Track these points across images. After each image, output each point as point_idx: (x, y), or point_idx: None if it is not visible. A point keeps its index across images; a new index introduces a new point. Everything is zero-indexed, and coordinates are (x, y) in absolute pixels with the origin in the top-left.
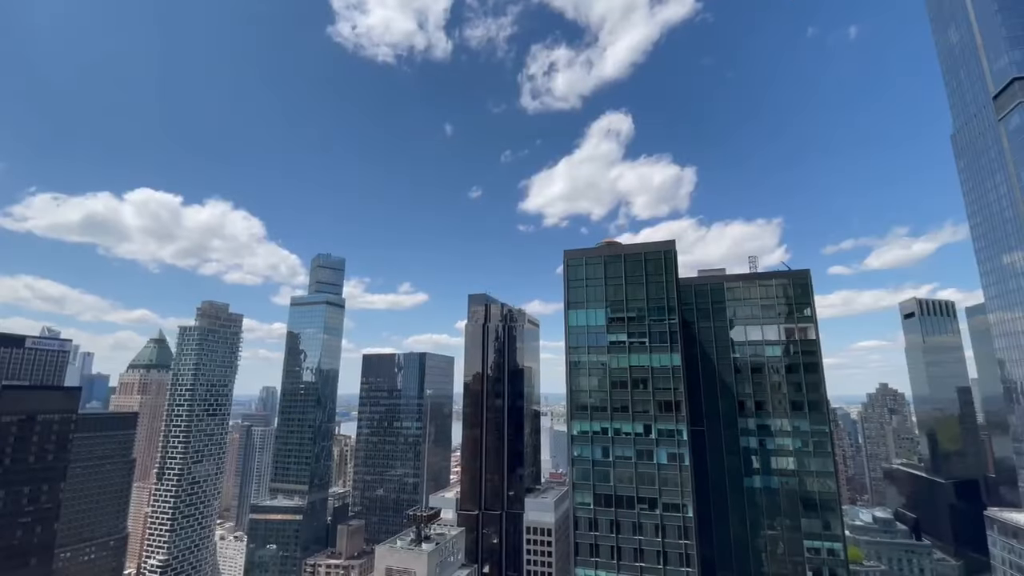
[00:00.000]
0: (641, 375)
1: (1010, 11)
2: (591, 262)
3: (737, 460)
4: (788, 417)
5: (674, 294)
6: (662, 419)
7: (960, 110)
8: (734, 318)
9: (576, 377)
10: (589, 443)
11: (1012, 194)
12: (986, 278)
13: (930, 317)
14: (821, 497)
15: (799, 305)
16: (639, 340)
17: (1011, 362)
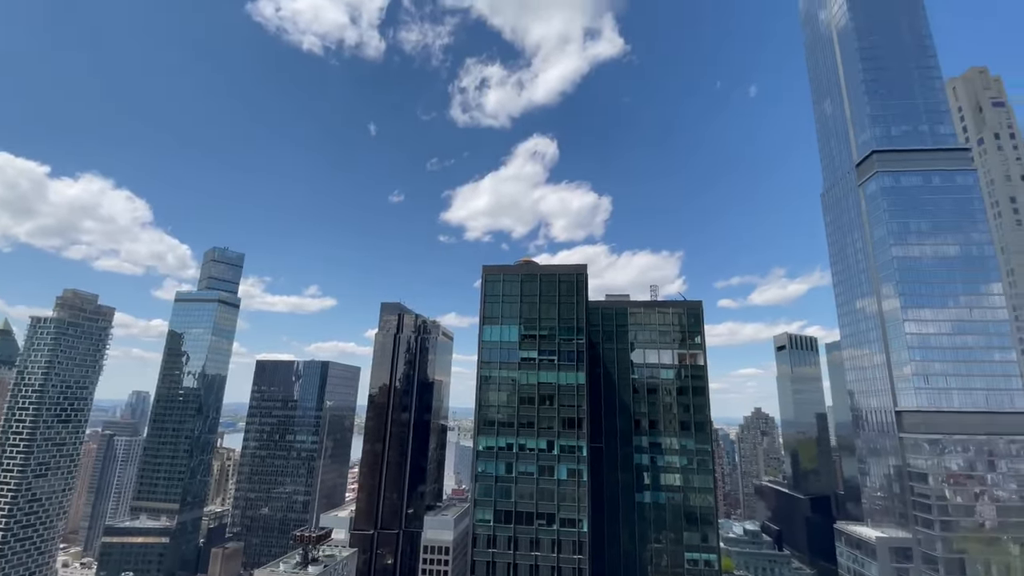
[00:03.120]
0: (548, 392)
1: (874, 93)
2: (508, 279)
3: (631, 476)
4: (677, 436)
5: (583, 315)
6: (565, 435)
7: (829, 172)
8: (635, 341)
9: (486, 392)
10: (494, 459)
11: (866, 249)
12: (842, 319)
13: (797, 350)
14: (701, 512)
15: (691, 333)
16: (548, 358)
17: (859, 393)
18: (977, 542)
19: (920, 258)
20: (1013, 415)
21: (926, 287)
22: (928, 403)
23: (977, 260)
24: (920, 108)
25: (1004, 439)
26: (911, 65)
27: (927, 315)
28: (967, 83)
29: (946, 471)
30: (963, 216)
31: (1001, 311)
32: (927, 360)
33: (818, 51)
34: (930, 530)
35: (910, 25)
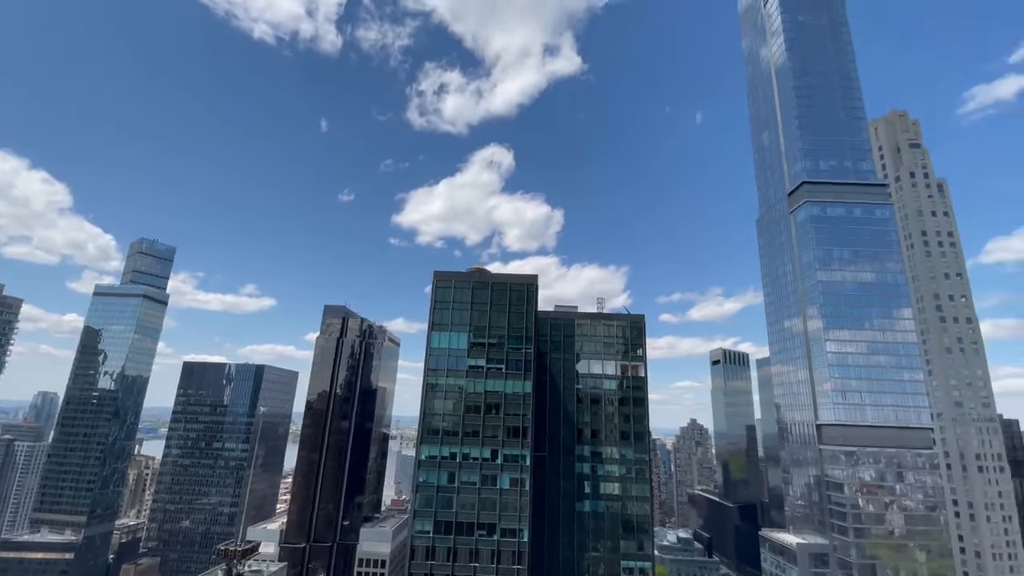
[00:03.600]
0: (495, 400)
1: (806, 128)
2: (460, 286)
3: (572, 485)
4: (617, 445)
5: (532, 325)
6: (509, 444)
7: (764, 199)
8: (581, 352)
9: (432, 400)
10: (436, 468)
11: (794, 272)
12: (772, 337)
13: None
14: (638, 520)
15: (634, 345)
16: (496, 366)
17: (785, 406)
18: (887, 548)
19: (841, 283)
20: (919, 430)
21: (846, 310)
22: (845, 417)
23: (891, 287)
24: (846, 145)
25: (911, 452)
26: (839, 105)
27: (846, 336)
28: (888, 124)
29: (860, 481)
30: (880, 246)
31: (911, 334)
32: (845, 377)
33: (758, 86)
34: (845, 537)
35: (839, 68)
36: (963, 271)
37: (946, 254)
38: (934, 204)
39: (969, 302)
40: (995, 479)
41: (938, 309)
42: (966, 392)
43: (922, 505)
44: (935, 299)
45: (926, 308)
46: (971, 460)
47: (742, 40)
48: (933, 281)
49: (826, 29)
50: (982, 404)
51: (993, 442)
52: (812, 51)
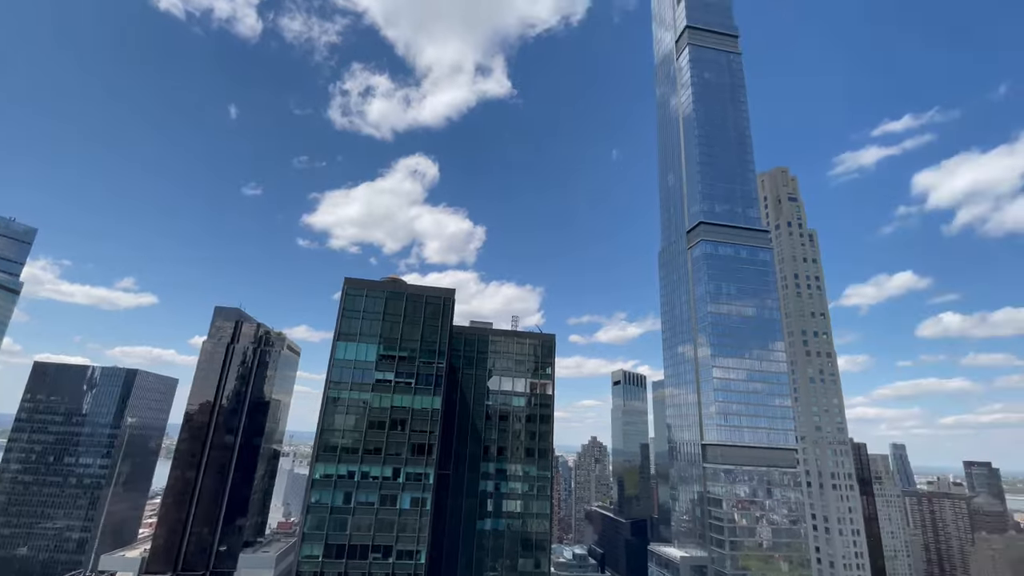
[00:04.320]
0: (401, 416)
1: (706, 173)
2: (372, 295)
3: (475, 503)
4: (522, 463)
5: (446, 340)
6: (413, 462)
7: (667, 234)
8: (493, 368)
9: (332, 414)
10: (332, 487)
11: (689, 303)
12: (667, 361)
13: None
14: (537, 537)
15: (543, 364)
16: (406, 380)
17: (676, 427)
18: (756, 560)
19: (728, 315)
20: (786, 450)
21: (730, 340)
22: (726, 438)
23: (768, 322)
24: (738, 193)
25: (779, 470)
26: (734, 157)
27: (730, 363)
28: (772, 178)
29: (736, 497)
30: (761, 285)
31: (782, 364)
32: (727, 401)
33: (667, 131)
34: (721, 549)
35: (736, 124)
36: (826, 311)
37: (813, 296)
38: (805, 251)
39: (829, 339)
40: (846, 496)
41: (804, 344)
42: (824, 418)
43: (786, 519)
44: (803, 335)
45: (795, 342)
46: (827, 478)
47: (656, 87)
48: (802, 319)
49: (727, 89)
50: (837, 429)
51: (845, 463)
52: (715, 106)
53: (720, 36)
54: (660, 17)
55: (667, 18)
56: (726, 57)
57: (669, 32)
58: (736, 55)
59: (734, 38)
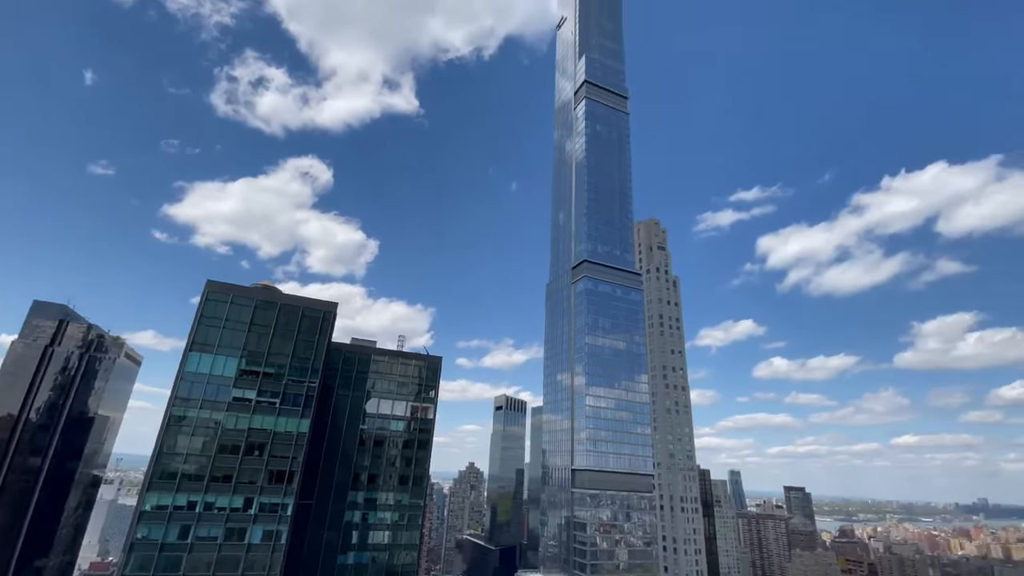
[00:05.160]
0: (260, 440)
1: (592, 216)
2: (240, 302)
3: (337, 536)
4: (394, 491)
5: (322, 357)
6: (270, 491)
7: (554, 268)
8: (372, 390)
9: (175, 435)
10: (165, 521)
11: (569, 334)
12: (546, 388)
13: (511, 412)
14: (403, 570)
15: (427, 387)
16: (270, 400)
17: (550, 452)
18: None
19: (602, 348)
20: (645, 476)
21: (602, 370)
22: (594, 463)
23: (636, 356)
24: (617, 237)
25: (638, 495)
26: (616, 204)
27: (601, 392)
28: (646, 228)
29: (599, 521)
30: (631, 322)
31: (645, 395)
32: (597, 428)
33: (561, 171)
34: (583, 572)
35: (620, 175)
36: (683, 350)
37: (673, 335)
38: (669, 295)
39: (685, 374)
40: (692, 518)
41: (664, 377)
42: (677, 446)
43: (641, 541)
44: (663, 369)
45: (656, 376)
46: (677, 502)
47: (555, 130)
48: (663, 355)
49: (615, 143)
50: (687, 456)
51: (693, 487)
52: (603, 157)
53: (613, 95)
54: (563, 67)
55: (569, 70)
56: (616, 115)
57: (570, 83)
58: (625, 114)
59: (624, 99)
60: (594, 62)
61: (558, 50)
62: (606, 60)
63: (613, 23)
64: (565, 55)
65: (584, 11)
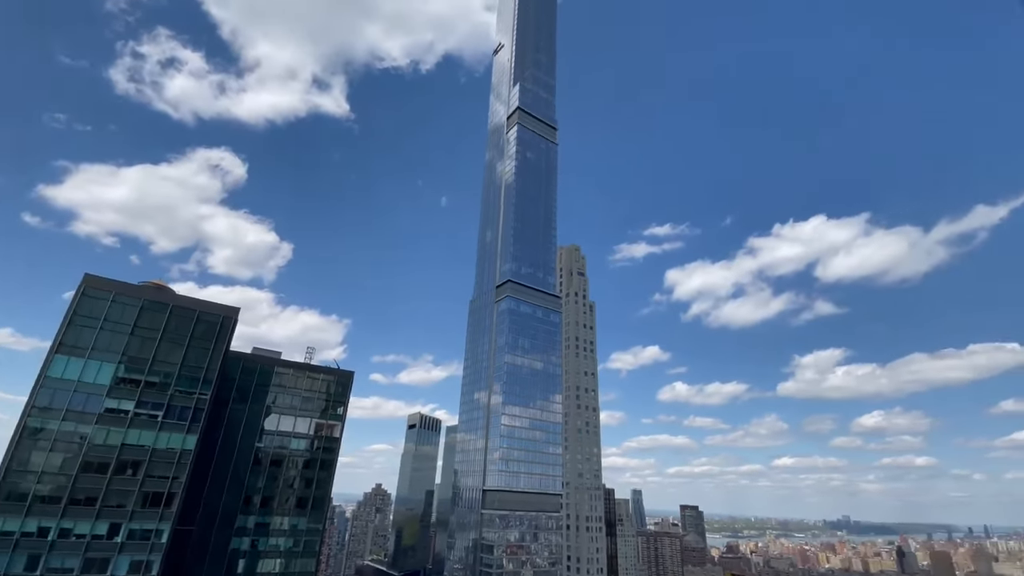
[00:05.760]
0: (136, 457)
1: (518, 238)
2: (123, 300)
3: (221, 565)
4: (291, 515)
5: (217, 367)
6: (142, 516)
7: (479, 285)
8: (273, 405)
9: (28, 450)
10: (9, 550)
11: (490, 352)
12: (463, 406)
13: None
14: None
15: (336, 403)
16: (151, 413)
17: (462, 472)
18: None
19: (520, 367)
20: (554, 496)
21: (520, 389)
22: (505, 484)
23: (552, 376)
24: (541, 260)
25: (546, 515)
26: (541, 229)
27: (516, 411)
28: (568, 253)
29: (507, 542)
30: (549, 343)
31: (559, 415)
32: (510, 447)
33: (490, 191)
34: None
35: (546, 201)
36: (595, 371)
37: (587, 357)
38: (586, 319)
39: (596, 396)
40: (596, 537)
41: (577, 398)
42: (585, 465)
43: (547, 561)
44: (576, 390)
45: (570, 396)
46: (583, 522)
47: (487, 150)
48: (577, 376)
49: (543, 170)
50: (594, 476)
51: (598, 506)
52: (531, 182)
53: (543, 125)
54: (498, 91)
55: (503, 94)
56: (546, 143)
57: (504, 107)
58: (554, 144)
59: (554, 130)
60: (528, 91)
61: (494, 74)
62: (539, 91)
63: (547, 57)
64: (500, 80)
65: (521, 42)
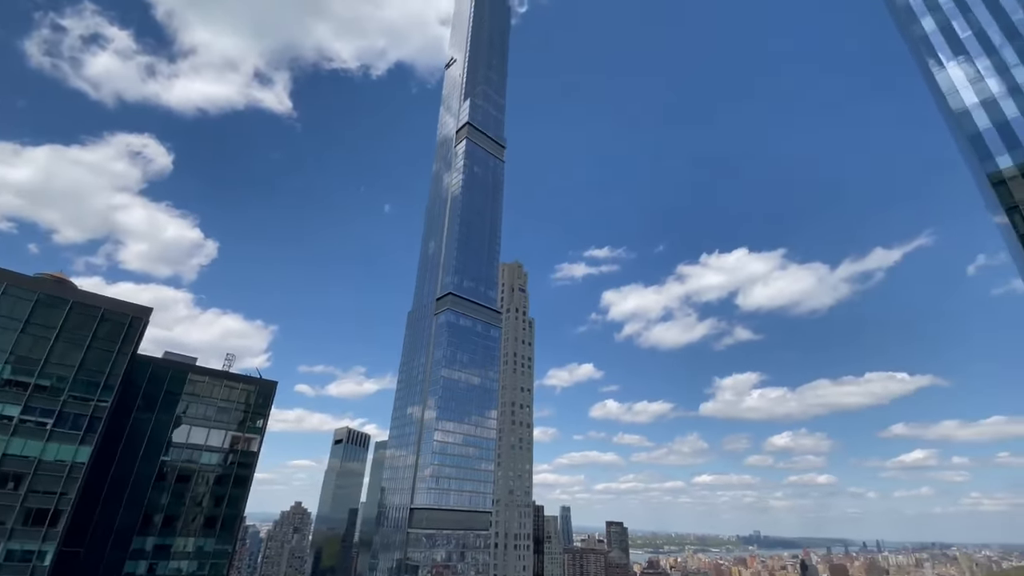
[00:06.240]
0: (18, 469)
1: (462, 251)
2: (15, 293)
3: None
4: (196, 536)
5: (121, 371)
6: (23, 535)
7: (419, 297)
8: (184, 415)
9: None
10: None
11: (426, 365)
12: (395, 421)
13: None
14: None
15: (255, 415)
16: (40, 420)
17: (389, 490)
18: None
19: (457, 381)
20: (483, 513)
21: (455, 404)
22: (435, 502)
23: (488, 391)
24: (483, 275)
25: (474, 533)
26: (486, 244)
27: (450, 427)
28: (511, 270)
29: (433, 562)
30: (488, 358)
31: (493, 431)
32: (442, 464)
33: (436, 203)
34: None
35: (492, 217)
36: (532, 388)
37: (524, 373)
38: (525, 335)
39: (531, 412)
40: (523, 555)
41: (512, 414)
42: (517, 482)
43: None
44: (512, 406)
45: (505, 412)
46: (511, 539)
47: (434, 162)
48: (513, 391)
49: (490, 186)
50: (525, 492)
51: (527, 524)
52: (478, 197)
53: (492, 142)
54: (448, 104)
55: (454, 107)
56: (493, 160)
57: (453, 120)
58: (501, 161)
59: (502, 148)
60: (478, 107)
61: (445, 87)
62: (489, 108)
63: (499, 76)
64: (451, 93)
65: (473, 59)
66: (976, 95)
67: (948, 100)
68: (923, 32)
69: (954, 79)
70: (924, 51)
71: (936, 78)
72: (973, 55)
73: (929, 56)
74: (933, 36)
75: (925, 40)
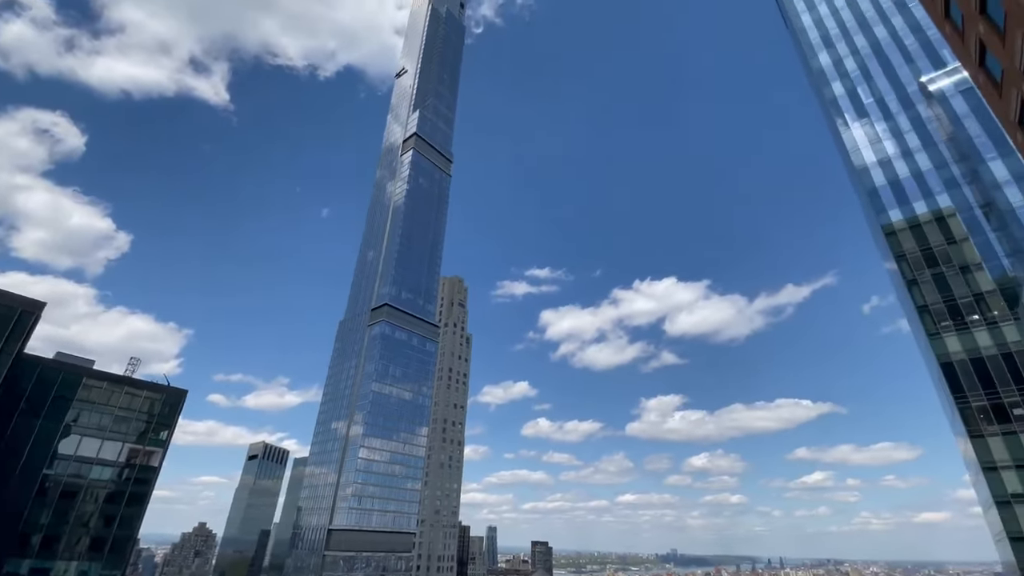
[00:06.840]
0: None
1: (401, 262)
2: None
3: None
4: (80, 559)
5: (3, 371)
6: None
7: (353, 305)
8: (74, 423)
9: None
10: None
11: (355, 378)
12: (317, 436)
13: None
14: None
15: (160, 427)
16: None
17: (306, 510)
18: None
19: (388, 396)
20: (407, 534)
21: (384, 420)
22: (355, 522)
23: (420, 407)
24: (423, 287)
25: (396, 555)
26: (426, 256)
27: (377, 444)
28: (451, 284)
29: None
30: (422, 373)
31: (422, 449)
32: (366, 483)
33: (377, 211)
34: None
35: (435, 230)
36: (465, 404)
37: (459, 389)
38: (462, 351)
39: (463, 429)
40: None
41: (443, 431)
42: (444, 501)
43: None
44: (444, 423)
45: (436, 429)
46: (434, 561)
47: (378, 169)
48: (446, 408)
49: (435, 199)
50: (452, 512)
51: (451, 545)
52: (421, 208)
53: (439, 155)
54: (397, 113)
55: (402, 117)
56: (439, 173)
57: (401, 128)
58: (447, 175)
59: (449, 162)
60: (427, 119)
61: (394, 95)
62: (438, 121)
63: (449, 92)
64: (400, 102)
65: (425, 71)
66: (875, 154)
67: (852, 157)
68: (832, 95)
69: (857, 139)
70: (833, 111)
71: (843, 136)
72: (873, 119)
73: (837, 116)
74: (841, 99)
75: (834, 102)
